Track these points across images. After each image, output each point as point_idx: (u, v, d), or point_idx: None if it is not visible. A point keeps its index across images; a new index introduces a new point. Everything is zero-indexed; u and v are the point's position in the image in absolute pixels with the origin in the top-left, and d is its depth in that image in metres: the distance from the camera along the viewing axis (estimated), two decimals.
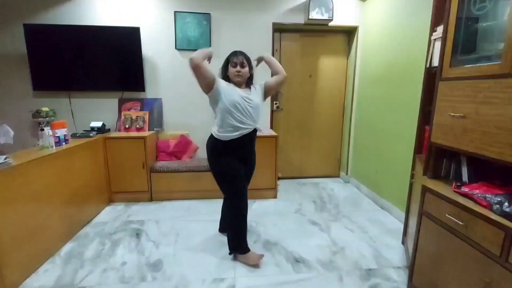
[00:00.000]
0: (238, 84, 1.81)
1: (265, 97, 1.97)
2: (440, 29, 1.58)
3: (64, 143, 2.22)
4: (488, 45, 1.32)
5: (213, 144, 1.82)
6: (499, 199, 1.13)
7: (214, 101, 1.77)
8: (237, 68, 1.77)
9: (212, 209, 2.64)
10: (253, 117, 1.78)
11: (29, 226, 1.72)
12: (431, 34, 1.75)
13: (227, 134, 1.75)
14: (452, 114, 1.32)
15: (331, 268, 1.80)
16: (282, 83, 2.01)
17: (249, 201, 2.33)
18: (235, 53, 1.81)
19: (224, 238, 2.14)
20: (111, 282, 1.66)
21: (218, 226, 2.24)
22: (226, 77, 1.83)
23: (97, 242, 2.09)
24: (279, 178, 3.28)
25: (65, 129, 2.25)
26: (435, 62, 1.61)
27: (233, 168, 1.81)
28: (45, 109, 2.68)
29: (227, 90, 1.73)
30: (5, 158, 1.60)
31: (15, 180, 1.62)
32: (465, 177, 1.40)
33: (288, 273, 1.76)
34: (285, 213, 2.62)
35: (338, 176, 3.76)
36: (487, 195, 1.18)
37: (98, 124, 2.82)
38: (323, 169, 3.72)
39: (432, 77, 1.66)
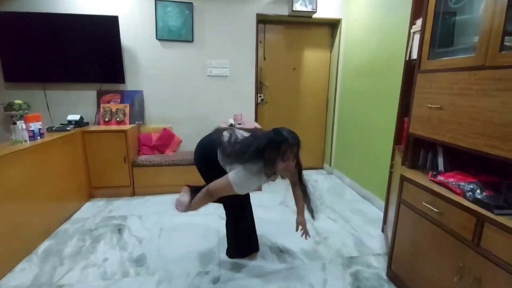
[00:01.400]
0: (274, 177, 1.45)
1: None
2: (419, 22, 1.61)
3: (39, 137, 2.12)
4: (465, 38, 1.36)
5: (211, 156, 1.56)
6: (471, 187, 1.18)
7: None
8: (290, 163, 1.36)
9: None
10: None
11: (3, 224, 1.64)
12: (410, 27, 1.79)
13: None
14: (429, 105, 1.36)
15: (315, 257, 1.84)
16: None
17: None
18: (296, 144, 1.35)
19: (209, 233, 2.14)
20: (92, 279, 1.62)
21: (202, 219, 2.21)
22: (267, 166, 1.34)
23: (76, 239, 2.03)
24: None
25: (40, 122, 2.15)
26: (414, 55, 1.64)
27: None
28: (18, 101, 2.53)
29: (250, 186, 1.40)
30: None
31: None
32: (441, 167, 1.45)
33: (272, 263, 1.78)
34: (270, 205, 2.64)
35: (321, 168, 3.82)
36: (461, 183, 1.23)
37: (76, 117, 2.71)
38: (307, 161, 3.76)
39: (411, 69, 1.70)
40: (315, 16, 3.12)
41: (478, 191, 1.15)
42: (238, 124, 2.85)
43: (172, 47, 3.00)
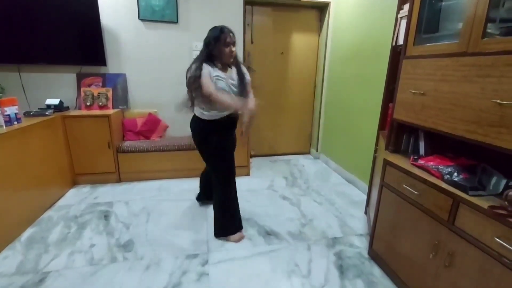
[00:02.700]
0: (227, 65, 1.73)
1: None
2: (406, 7, 1.61)
3: (16, 122, 2.02)
4: (449, 24, 1.37)
5: (201, 125, 1.75)
6: (449, 170, 1.24)
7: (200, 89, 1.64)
8: (231, 47, 1.65)
9: (184, 188, 2.62)
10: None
11: None
12: (397, 12, 1.79)
13: (215, 112, 1.70)
14: (413, 91, 1.39)
15: (300, 238, 1.90)
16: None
17: None
18: (226, 31, 1.64)
19: (196, 217, 2.16)
20: (79, 264, 1.62)
21: (190, 203, 2.23)
22: (211, 56, 1.66)
23: (61, 226, 2.00)
24: (251, 156, 3.31)
25: (16, 106, 2.04)
26: (401, 41, 1.65)
27: (227, 146, 1.82)
28: None
29: (215, 81, 1.62)
30: None
31: None
32: (422, 151, 1.50)
33: (259, 245, 1.83)
34: (258, 190, 2.67)
35: (308, 153, 3.87)
36: (439, 166, 1.29)
37: (55, 101, 2.59)
38: (295, 146, 3.80)
39: (397, 55, 1.71)
40: None
41: (456, 173, 1.21)
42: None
43: (156, 28, 2.88)
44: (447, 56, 1.21)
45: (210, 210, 2.24)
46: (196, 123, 1.77)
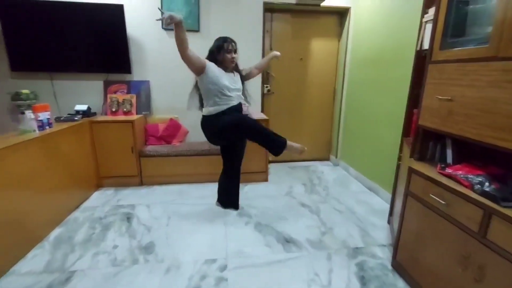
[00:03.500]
0: (229, 69, 2.02)
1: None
2: (432, 11, 1.57)
3: (47, 127, 2.15)
4: (477, 28, 1.32)
5: (208, 120, 2.00)
6: (480, 180, 1.18)
7: (205, 83, 1.93)
8: (232, 54, 1.97)
9: (203, 193, 2.65)
10: (237, 99, 2.02)
11: (13, 212, 1.68)
12: (422, 16, 1.74)
13: (216, 107, 1.95)
14: (439, 97, 1.34)
15: (320, 247, 1.87)
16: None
17: (241, 185, 2.37)
18: (228, 40, 1.95)
19: (218, 216, 2.18)
20: (103, 265, 1.67)
21: (209, 208, 2.26)
22: (216, 61, 1.97)
23: (87, 227, 2.08)
24: (270, 162, 3.31)
25: (48, 112, 2.17)
26: (426, 45, 1.61)
27: (232, 116, 1.96)
28: (25, 91, 2.56)
29: (219, 75, 1.92)
30: None
31: None
32: (449, 159, 1.44)
33: (278, 252, 1.81)
34: (276, 196, 2.66)
35: (328, 160, 3.81)
36: (469, 175, 1.23)
37: (83, 107, 2.73)
38: (313, 153, 3.76)
39: (422, 60, 1.67)
40: (323, 4, 3.05)
41: (487, 183, 1.14)
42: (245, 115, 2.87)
43: None
44: (476, 61, 1.17)
45: (228, 215, 2.26)
46: (206, 121, 2.02)
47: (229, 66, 2.00)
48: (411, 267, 1.51)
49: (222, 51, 1.95)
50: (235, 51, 1.99)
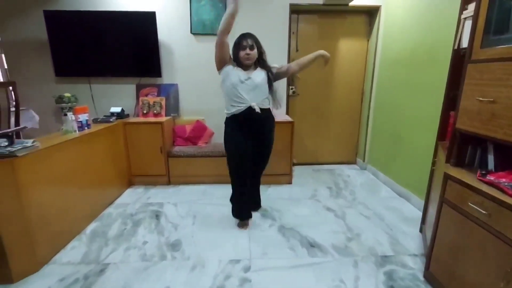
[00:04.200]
0: (247, 66, 1.92)
1: (276, 79, 2.10)
2: (471, 7, 1.47)
3: (86, 128, 2.30)
4: None
5: (226, 121, 2.01)
6: None
7: (222, 81, 1.96)
8: (246, 51, 1.86)
9: (226, 194, 2.67)
10: (247, 97, 1.87)
11: (56, 207, 1.82)
12: (461, 13, 1.64)
13: (230, 109, 1.93)
14: (480, 98, 1.25)
15: (346, 253, 1.81)
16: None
17: (264, 186, 2.38)
18: (244, 36, 1.89)
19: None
20: (133, 259, 1.75)
21: (231, 210, 2.26)
22: (236, 59, 1.92)
23: (119, 222, 2.20)
24: (294, 164, 3.28)
25: (87, 114, 2.33)
26: (464, 43, 1.51)
27: (236, 143, 1.95)
28: (67, 94, 2.77)
29: (230, 73, 1.88)
30: (33, 142, 1.67)
31: (41, 163, 1.71)
32: (491, 165, 1.34)
33: (302, 257, 1.78)
34: (300, 199, 2.63)
35: (354, 163, 3.70)
36: None
37: (118, 109, 2.89)
38: (339, 156, 3.67)
39: (460, 59, 1.57)
40: (352, 3, 2.97)
41: None
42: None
43: (206, 41, 3.05)
44: None
45: (252, 216, 2.27)
46: (225, 124, 2.01)
47: (244, 62, 1.88)
48: (446, 279, 1.41)
49: (237, 48, 1.88)
50: (251, 47, 1.86)
